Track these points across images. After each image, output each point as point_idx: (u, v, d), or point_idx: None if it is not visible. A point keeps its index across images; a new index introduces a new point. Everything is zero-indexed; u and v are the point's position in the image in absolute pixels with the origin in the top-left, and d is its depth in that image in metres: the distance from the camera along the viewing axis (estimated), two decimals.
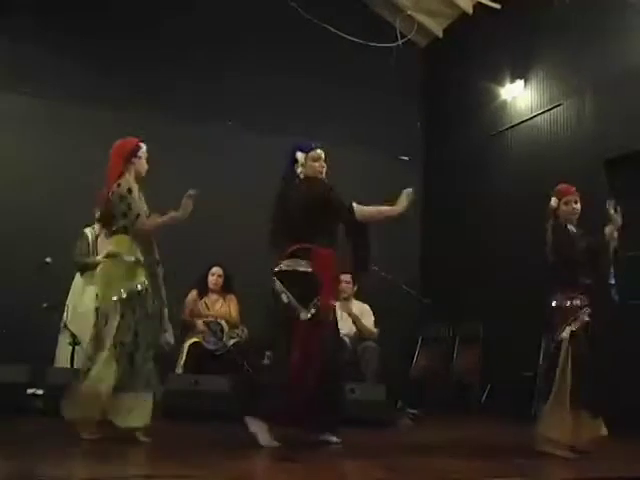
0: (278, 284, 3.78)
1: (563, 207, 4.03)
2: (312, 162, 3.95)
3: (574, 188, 4.09)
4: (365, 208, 3.84)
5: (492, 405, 6.24)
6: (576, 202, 4.03)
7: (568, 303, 3.94)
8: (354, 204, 3.80)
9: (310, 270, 3.73)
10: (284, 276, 3.79)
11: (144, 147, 3.90)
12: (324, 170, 3.98)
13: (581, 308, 3.91)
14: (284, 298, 3.73)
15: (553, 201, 4.06)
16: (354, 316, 5.81)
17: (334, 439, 3.78)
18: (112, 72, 6.87)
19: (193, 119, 7.00)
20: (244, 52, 7.38)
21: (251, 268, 6.26)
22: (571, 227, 4.02)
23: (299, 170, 3.94)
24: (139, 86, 6.91)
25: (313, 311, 3.69)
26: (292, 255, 3.79)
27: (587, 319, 3.90)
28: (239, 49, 7.37)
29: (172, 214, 3.75)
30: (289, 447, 3.59)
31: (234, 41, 7.34)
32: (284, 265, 3.81)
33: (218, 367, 5.37)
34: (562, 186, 4.12)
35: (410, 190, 3.84)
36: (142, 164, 3.88)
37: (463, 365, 6.76)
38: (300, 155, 3.93)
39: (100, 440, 3.51)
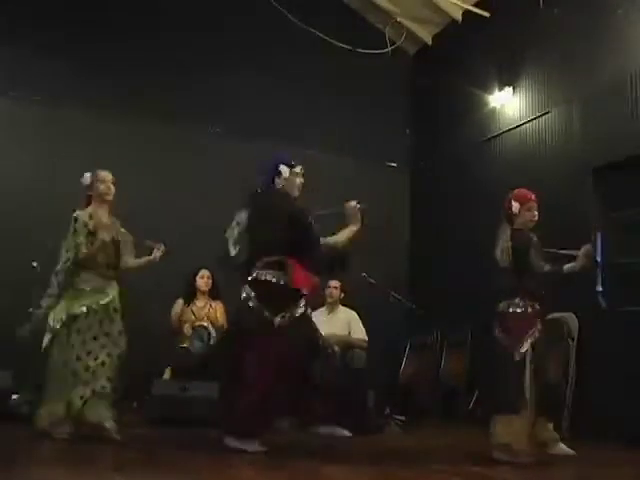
0: (247, 289, 3.78)
1: (526, 213, 3.97)
2: (294, 177, 3.98)
3: (534, 194, 4.01)
4: (328, 240, 3.90)
5: (480, 411, 6.23)
6: (537, 209, 3.97)
7: (530, 310, 3.87)
8: (321, 239, 3.85)
9: (284, 283, 3.73)
10: (257, 285, 3.78)
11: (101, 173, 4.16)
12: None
13: (539, 317, 3.86)
14: (251, 304, 3.74)
15: (515, 207, 3.98)
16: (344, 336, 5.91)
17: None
18: (96, 74, 6.76)
19: (178, 123, 6.95)
20: (232, 55, 7.34)
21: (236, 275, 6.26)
22: (532, 235, 3.93)
23: (280, 184, 3.94)
24: (123, 87, 6.83)
25: (283, 320, 3.67)
26: (267, 266, 3.77)
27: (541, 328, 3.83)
28: (226, 52, 7.32)
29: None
30: (277, 454, 3.57)
31: (221, 44, 7.28)
32: (259, 275, 3.79)
33: (205, 372, 5.34)
34: (523, 191, 4.03)
35: (354, 204, 3.92)
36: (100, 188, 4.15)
37: (451, 371, 6.76)
38: (285, 169, 3.93)
39: (87, 447, 3.50)
